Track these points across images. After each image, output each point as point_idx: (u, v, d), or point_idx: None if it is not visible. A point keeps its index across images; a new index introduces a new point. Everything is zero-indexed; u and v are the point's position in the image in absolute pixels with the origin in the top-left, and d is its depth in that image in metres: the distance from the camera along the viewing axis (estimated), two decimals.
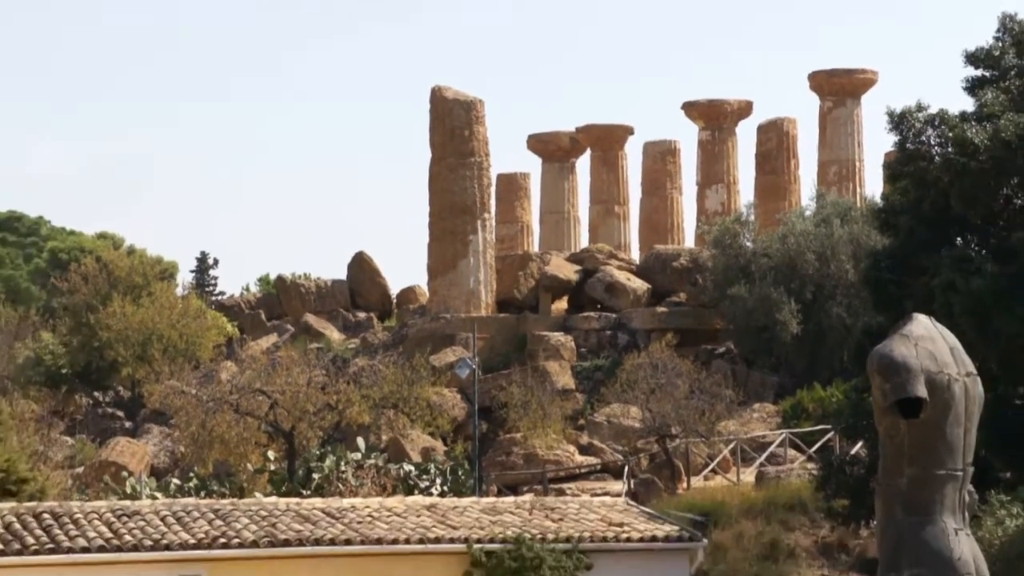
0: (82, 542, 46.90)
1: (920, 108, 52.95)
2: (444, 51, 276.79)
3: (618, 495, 61.60)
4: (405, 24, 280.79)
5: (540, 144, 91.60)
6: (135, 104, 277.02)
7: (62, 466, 72.89)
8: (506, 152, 78.82)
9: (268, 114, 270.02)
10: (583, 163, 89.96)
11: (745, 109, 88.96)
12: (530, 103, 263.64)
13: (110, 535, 47.75)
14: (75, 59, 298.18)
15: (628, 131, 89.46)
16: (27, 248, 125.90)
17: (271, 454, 69.37)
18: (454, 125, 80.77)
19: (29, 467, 61.59)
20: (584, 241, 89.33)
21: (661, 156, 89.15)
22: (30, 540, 46.49)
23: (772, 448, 69.91)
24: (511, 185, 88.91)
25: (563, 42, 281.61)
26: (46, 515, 49.19)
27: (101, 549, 46.99)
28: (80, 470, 71.78)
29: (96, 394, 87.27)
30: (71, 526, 48.23)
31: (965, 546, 22.54)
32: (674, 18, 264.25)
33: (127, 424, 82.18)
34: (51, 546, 46.55)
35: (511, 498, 57.83)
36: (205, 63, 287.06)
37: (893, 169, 56.61)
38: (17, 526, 47.68)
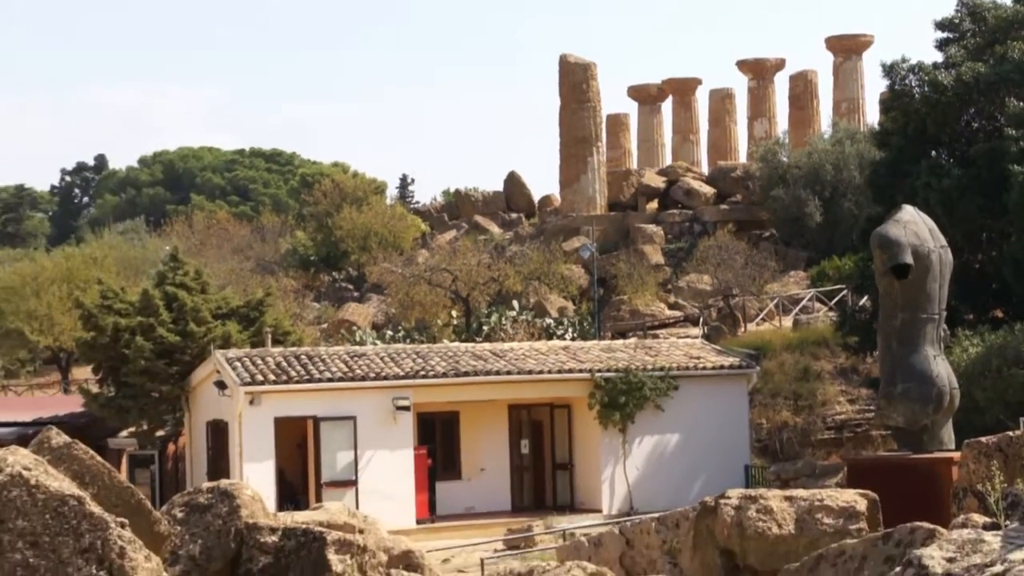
0: (327, 374, 49.59)
1: (904, 61, 53.48)
2: (567, 25, 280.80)
3: (695, 337, 62.33)
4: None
5: (636, 92, 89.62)
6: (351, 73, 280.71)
7: (312, 323, 74.71)
8: (612, 98, 79.25)
9: (451, 80, 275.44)
10: (667, 105, 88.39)
11: (780, 64, 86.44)
12: (628, 62, 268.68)
13: (346, 369, 50.26)
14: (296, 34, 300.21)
15: (697, 82, 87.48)
16: (285, 174, 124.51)
17: (454, 313, 70.82)
18: (575, 81, 79.73)
19: (291, 324, 63.17)
20: (668, 160, 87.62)
21: (721, 99, 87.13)
22: (293, 373, 49.45)
23: (803, 302, 67.74)
24: (616, 122, 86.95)
25: (651, 14, 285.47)
26: (303, 356, 51.79)
27: (340, 379, 49.56)
28: (324, 325, 72.42)
29: (333, 273, 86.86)
30: (320, 363, 50.79)
31: (941, 367, 22.60)
32: None
33: (355, 293, 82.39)
34: (307, 377, 49.37)
35: (621, 340, 59.84)
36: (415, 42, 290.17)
37: (886, 104, 55.96)
38: (284, 364, 50.20)
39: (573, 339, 62.72)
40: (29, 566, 8.79)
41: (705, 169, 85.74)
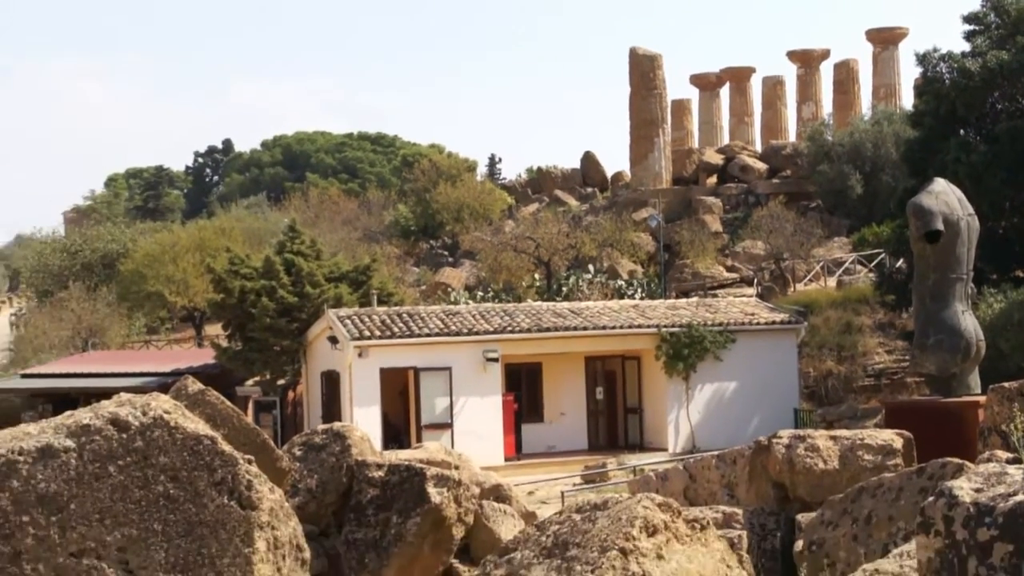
0: (426, 330, 49.95)
1: (935, 50, 53.17)
2: (636, 20, 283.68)
3: (750, 296, 62.79)
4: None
5: (697, 80, 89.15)
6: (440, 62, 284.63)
7: (412, 285, 74.79)
8: (676, 85, 79.28)
9: (534, 71, 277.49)
10: (724, 91, 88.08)
11: (825, 54, 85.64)
12: (690, 52, 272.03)
13: (442, 326, 50.66)
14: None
15: (752, 70, 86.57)
16: (388, 155, 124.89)
17: (536, 276, 70.63)
18: (643, 71, 79.19)
19: (394, 286, 63.42)
20: (726, 140, 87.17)
21: (773, 85, 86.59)
22: (396, 329, 49.76)
23: (846, 265, 67.18)
24: (679, 107, 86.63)
25: (711, 10, 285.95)
26: (405, 314, 52.01)
27: (437, 334, 49.94)
28: (423, 287, 72.53)
29: (431, 242, 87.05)
30: (419, 320, 51.16)
31: (968, 321, 22.22)
32: None
33: (450, 259, 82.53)
34: (408, 332, 49.67)
35: (684, 299, 59.60)
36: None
37: (919, 89, 55.32)
38: (388, 321, 50.45)
39: (642, 298, 62.27)
40: (170, 497, 8.90)
41: (758, 147, 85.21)
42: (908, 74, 77.28)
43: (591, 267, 70.44)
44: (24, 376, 65.30)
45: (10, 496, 8.73)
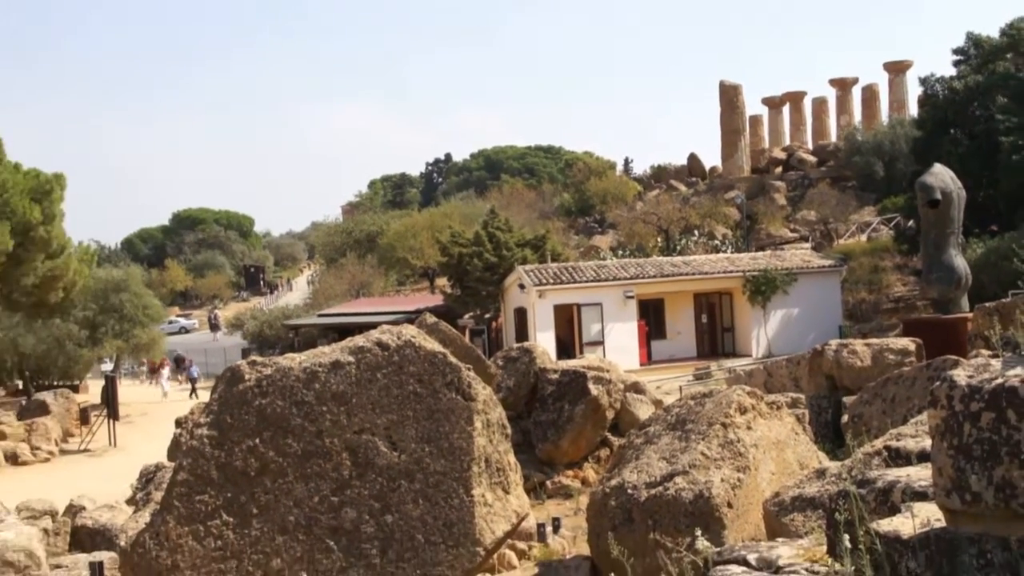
0: (584, 278, 49.39)
1: (932, 75, 52.91)
2: (725, 57, 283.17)
3: (807, 249, 61.06)
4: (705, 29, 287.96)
5: (766, 101, 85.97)
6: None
7: (574, 248, 72.75)
8: (752, 105, 78.15)
9: (657, 95, 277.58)
10: (785, 108, 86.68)
11: (855, 80, 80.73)
12: (762, 80, 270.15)
13: (595, 275, 50.06)
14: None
15: (804, 93, 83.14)
16: (556, 159, 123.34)
17: (658, 239, 68.45)
18: (729, 96, 77.36)
19: (561, 248, 62.80)
20: (787, 141, 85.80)
21: (819, 103, 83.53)
22: (564, 277, 49.24)
23: (873, 225, 64.47)
24: (755, 120, 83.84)
25: (777, 51, 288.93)
26: (570, 267, 51.37)
27: (592, 280, 49.36)
28: (581, 249, 71.24)
29: (585, 218, 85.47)
30: (579, 271, 50.53)
31: (959, 262, 21.60)
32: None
33: (599, 229, 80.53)
34: (572, 280, 49.13)
35: (760, 252, 57.95)
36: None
37: (921, 102, 54.75)
38: (559, 272, 49.81)
39: (731, 252, 60.73)
40: (417, 393, 9.03)
41: (810, 146, 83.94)
42: (914, 92, 75.43)
43: (696, 232, 69.35)
44: (319, 315, 67.08)
45: (314, 394, 8.98)
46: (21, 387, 55.18)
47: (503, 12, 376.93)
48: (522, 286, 49.78)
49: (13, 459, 36.41)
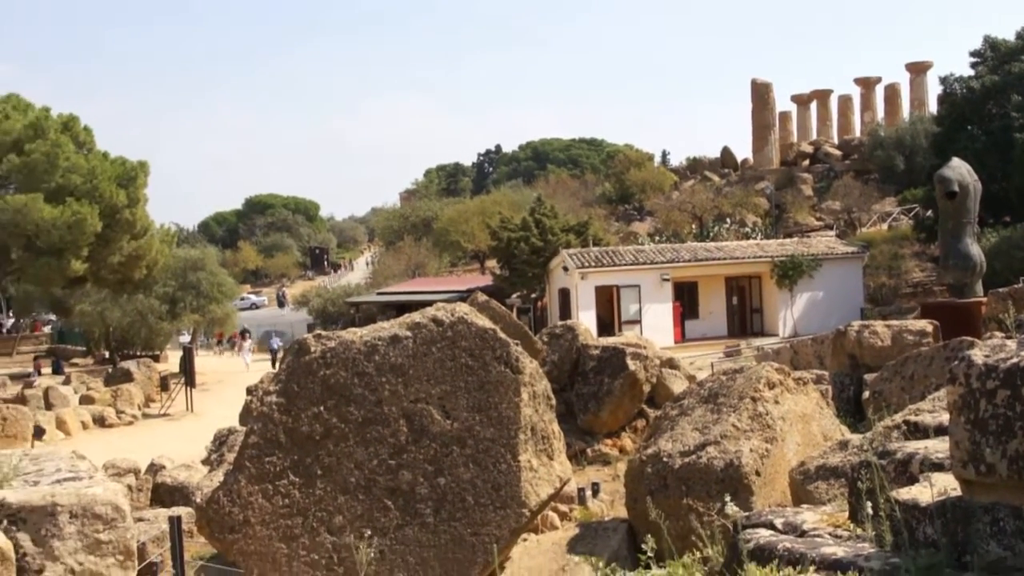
0: (624, 261, 49.39)
1: (951, 75, 52.24)
2: (757, 57, 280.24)
3: (832, 236, 59.84)
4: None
5: (796, 98, 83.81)
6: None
7: (615, 233, 70.62)
8: (782, 101, 76.58)
9: (691, 94, 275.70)
10: (813, 105, 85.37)
11: (878, 79, 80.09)
12: (791, 78, 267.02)
13: (634, 259, 49.98)
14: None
15: (830, 91, 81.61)
16: (598, 151, 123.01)
17: (693, 226, 67.51)
18: (760, 93, 76.16)
19: (603, 233, 62.45)
20: (814, 136, 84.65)
21: (845, 101, 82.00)
22: (605, 261, 49.11)
23: (894, 215, 64.12)
24: (784, 116, 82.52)
25: (805, 49, 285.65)
26: (610, 251, 51.17)
27: (631, 263, 49.29)
28: (621, 235, 69.21)
29: (625, 205, 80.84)
30: (619, 255, 50.36)
31: (974, 249, 21.21)
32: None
33: (638, 216, 78.60)
34: (612, 263, 49.08)
35: (788, 239, 57.39)
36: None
37: (940, 100, 54.38)
38: (600, 255, 49.69)
39: (761, 239, 60.14)
40: (469, 366, 9.05)
41: (836, 140, 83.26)
42: (933, 91, 74.37)
43: (728, 220, 68.77)
44: (378, 293, 67.40)
45: (374, 365, 9.02)
46: (107, 356, 55.95)
47: (550, 17, 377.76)
48: (566, 268, 49.72)
49: (100, 422, 37.00)
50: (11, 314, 68.98)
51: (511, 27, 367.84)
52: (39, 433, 31.35)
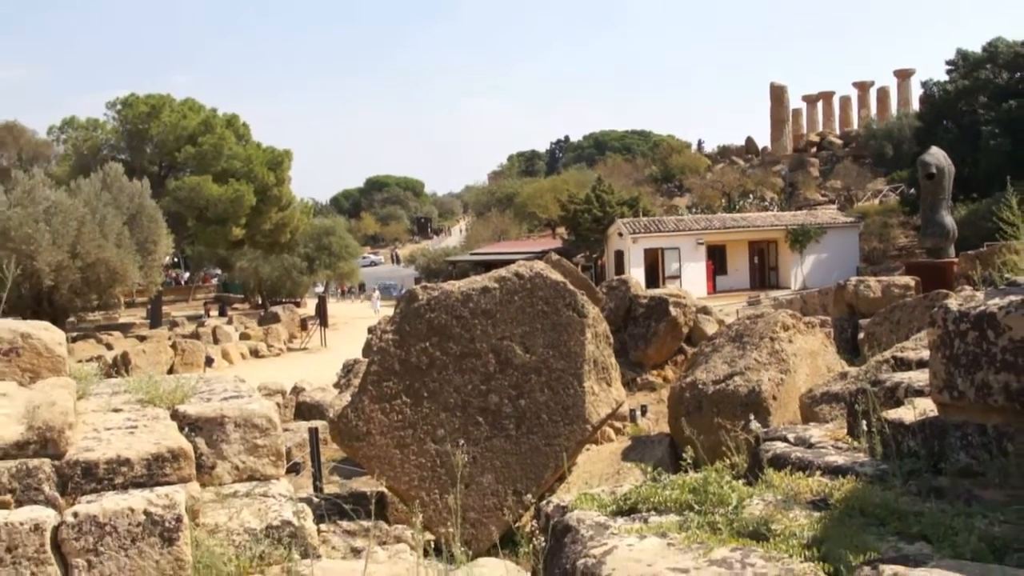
0: (667, 228, 48.88)
1: (931, 80, 51.60)
2: (775, 63, 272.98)
3: (834, 209, 59.28)
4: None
5: (805, 97, 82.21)
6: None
7: (660, 206, 66.90)
8: (794, 100, 74.53)
9: (722, 93, 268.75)
10: (819, 104, 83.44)
11: (872, 83, 79.16)
12: (802, 80, 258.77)
13: (675, 226, 49.46)
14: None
15: (833, 93, 79.96)
16: (647, 140, 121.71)
17: (722, 201, 64.75)
18: (777, 93, 73.62)
19: (650, 206, 60.03)
20: (820, 128, 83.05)
21: (845, 101, 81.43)
22: (652, 228, 48.72)
23: (884, 192, 62.45)
24: (796, 112, 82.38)
25: (815, 59, 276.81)
26: (656, 220, 50.66)
27: (672, 230, 48.79)
28: (664, 208, 69.66)
29: (667, 184, 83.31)
30: (663, 224, 49.83)
31: (949, 220, 20.53)
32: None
33: (678, 193, 79.61)
34: (658, 230, 48.58)
35: (800, 211, 56.73)
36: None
37: (922, 100, 53.64)
38: (648, 223, 49.41)
39: (777, 211, 58.78)
40: (544, 312, 9.09)
41: (838, 132, 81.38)
42: (916, 93, 72.18)
43: (751, 195, 67.46)
44: (471, 254, 67.40)
45: (468, 310, 9.06)
46: (260, 302, 56.63)
47: (605, 26, 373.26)
48: (620, 234, 49.46)
49: (255, 354, 37.61)
50: (188, 270, 70.15)
51: (577, 34, 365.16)
52: (209, 362, 31.83)
